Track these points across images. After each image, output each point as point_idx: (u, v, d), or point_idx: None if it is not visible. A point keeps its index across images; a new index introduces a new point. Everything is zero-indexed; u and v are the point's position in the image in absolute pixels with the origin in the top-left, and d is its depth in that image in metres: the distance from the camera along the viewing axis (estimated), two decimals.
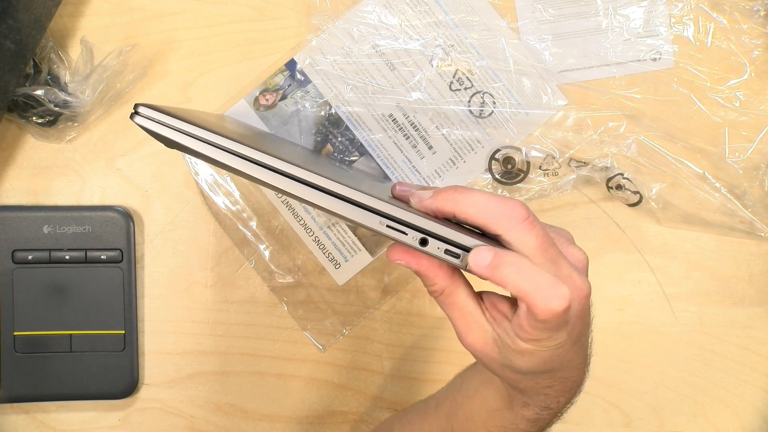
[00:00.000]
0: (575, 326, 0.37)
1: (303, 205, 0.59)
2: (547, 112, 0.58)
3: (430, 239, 0.36)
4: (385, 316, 0.60)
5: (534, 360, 0.37)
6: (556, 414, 0.43)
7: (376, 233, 0.37)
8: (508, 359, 0.38)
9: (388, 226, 0.36)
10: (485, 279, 0.35)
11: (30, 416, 0.59)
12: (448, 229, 0.36)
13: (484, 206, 0.36)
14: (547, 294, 0.34)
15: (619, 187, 0.58)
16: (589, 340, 0.41)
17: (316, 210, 0.59)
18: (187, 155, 0.58)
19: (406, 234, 0.36)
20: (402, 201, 0.40)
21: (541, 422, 0.43)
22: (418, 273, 0.39)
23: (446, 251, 0.36)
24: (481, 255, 0.35)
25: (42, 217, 0.57)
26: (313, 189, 0.36)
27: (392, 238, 0.36)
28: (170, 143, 0.38)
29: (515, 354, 0.37)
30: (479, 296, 0.40)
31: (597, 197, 0.59)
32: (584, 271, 0.39)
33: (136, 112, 0.38)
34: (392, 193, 0.41)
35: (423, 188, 0.39)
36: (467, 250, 0.36)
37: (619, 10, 0.58)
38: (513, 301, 0.39)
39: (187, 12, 0.59)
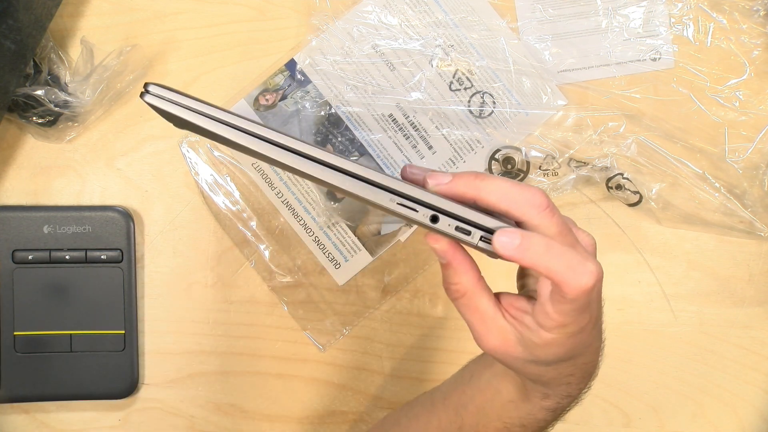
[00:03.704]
0: (593, 309, 0.37)
1: (303, 205, 0.59)
2: (546, 112, 0.58)
3: (441, 216, 0.36)
4: (385, 316, 0.60)
5: (559, 349, 0.38)
6: (574, 399, 0.43)
7: (386, 211, 0.36)
8: (533, 354, 0.38)
9: (398, 203, 0.36)
10: (512, 261, 0.35)
11: (30, 416, 0.59)
12: (459, 206, 0.36)
13: (506, 193, 0.36)
14: (578, 271, 0.34)
15: (619, 187, 0.58)
16: (602, 324, 0.42)
17: (315, 210, 0.59)
18: (187, 156, 0.58)
19: (417, 211, 0.36)
20: (413, 183, 0.39)
21: (560, 410, 0.44)
22: (449, 264, 0.39)
23: (457, 228, 0.36)
24: (509, 237, 0.35)
25: (42, 217, 0.57)
26: (323, 167, 0.36)
27: (402, 216, 0.36)
28: (180, 122, 0.38)
29: (539, 347, 0.38)
30: (497, 299, 0.40)
31: (597, 197, 0.59)
32: (594, 254, 0.39)
33: (146, 91, 0.37)
34: (402, 175, 0.41)
35: (438, 172, 0.39)
36: (479, 227, 0.36)
37: (618, 10, 0.58)
38: (529, 297, 0.39)
39: (187, 12, 0.59)
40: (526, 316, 0.38)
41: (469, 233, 0.36)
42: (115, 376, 0.58)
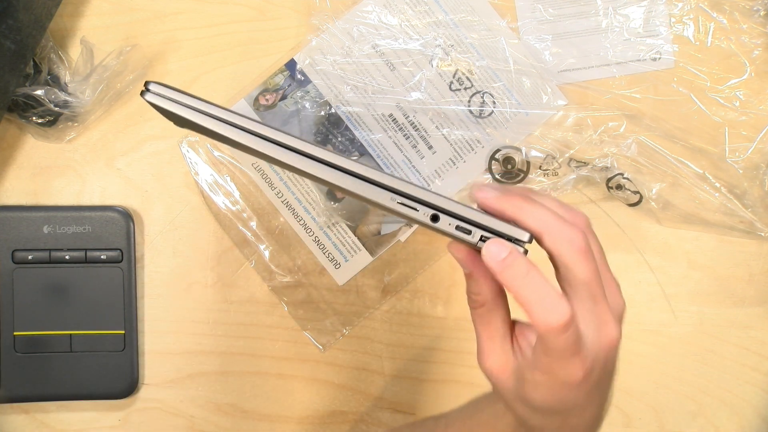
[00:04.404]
0: (594, 370, 0.36)
1: (303, 205, 0.59)
2: (547, 112, 0.58)
3: (441, 215, 0.36)
4: (385, 316, 0.60)
5: (545, 394, 0.37)
6: None
7: (387, 210, 0.36)
8: (522, 391, 0.38)
9: (399, 202, 0.36)
10: (492, 273, 0.35)
11: (30, 416, 0.59)
12: (460, 205, 0.36)
13: (546, 224, 0.35)
14: (546, 306, 0.33)
15: (619, 187, 0.58)
16: (609, 395, 0.40)
17: (315, 210, 0.59)
18: (187, 156, 0.58)
19: (417, 210, 0.36)
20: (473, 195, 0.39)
21: None
22: (471, 274, 0.38)
23: (458, 227, 0.36)
24: (497, 247, 0.34)
25: (42, 217, 0.57)
26: (324, 166, 0.36)
27: (403, 215, 0.36)
28: (180, 121, 0.38)
29: (528, 385, 0.37)
30: (513, 323, 0.39)
31: (597, 197, 0.59)
32: (619, 319, 0.38)
33: (147, 89, 0.37)
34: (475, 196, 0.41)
35: (486, 185, 0.38)
36: (481, 227, 0.36)
37: (619, 10, 0.58)
38: None
39: (187, 12, 0.59)
40: (530, 349, 0.37)
41: (469, 232, 0.36)
42: (115, 376, 0.58)
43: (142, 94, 0.37)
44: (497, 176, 0.59)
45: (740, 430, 0.61)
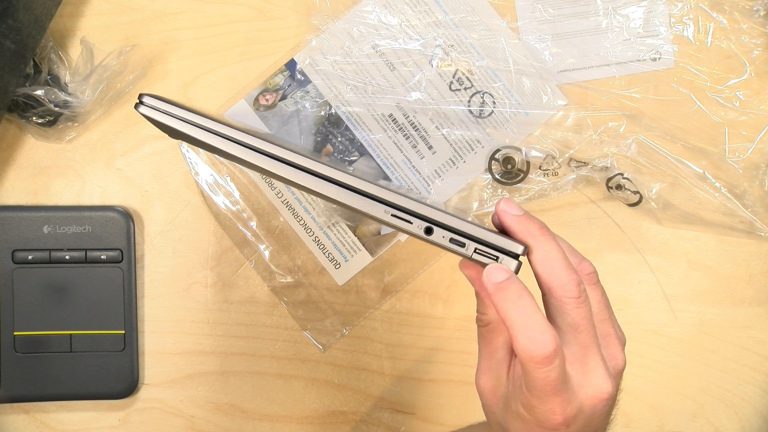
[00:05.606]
0: (578, 420, 0.35)
1: (303, 205, 0.59)
2: (547, 112, 0.58)
3: (435, 228, 0.36)
4: (385, 316, 0.60)
5: (523, 431, 0.36)
6: None
7: (382, 222, 0.37)
8: (505, 419, 0.37)
9: (393, 215, 0.36)
10: (486, 293, 0.35)
11: (30, 416, 0.59)
12: (453, 218, 0.36)
13: (550, 260, 0.35)
14: (531, 334, 0.33)
15: (619, 187, 0.58)
16: None
17: (315, 210, 0.59)
18: (187, 156, 0.58)
19: (411, 223, 0.36)
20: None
21: None
22: (477, 293, 0.39)
23: (451, 240, 0.36)
24: (497, 271, 0.35)
25: (42, 217, 0.57)
26: (318, 178, 0.36)
27: (397, 227, 0.36)
28: (174, 133, 0.38)
29: (510, 415, 0.37)
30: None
31: (597, 197, 0.59)
32: (615, 375, 0.37)
33: (141, 102, 0.38)
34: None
35: (519, 206, 0.38)
36: (475, 240, 0.36)
37: (619, 10, 0.58)
38: None
39: (187, 12, 0.59)
40: (520, 380, 0.37)
41: (463, 245, 0.36)
42: (115, 376, 0.58)
43: (136, 107, 0.38)
44: (497, 176, 0.59)
45: (740, 430, 0.61)
